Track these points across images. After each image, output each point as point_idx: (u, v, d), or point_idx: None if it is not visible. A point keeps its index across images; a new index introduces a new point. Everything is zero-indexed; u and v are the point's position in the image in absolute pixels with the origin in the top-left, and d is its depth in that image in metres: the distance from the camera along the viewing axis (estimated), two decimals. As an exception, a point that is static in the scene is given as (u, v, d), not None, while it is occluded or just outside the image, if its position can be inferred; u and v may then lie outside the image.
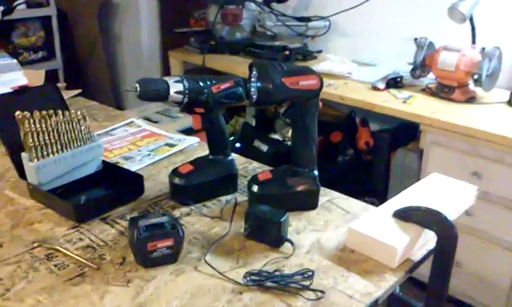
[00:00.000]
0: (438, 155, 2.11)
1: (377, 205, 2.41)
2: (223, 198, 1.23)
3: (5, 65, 1.52)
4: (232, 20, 2.84)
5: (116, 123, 1.65)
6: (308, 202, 1.19)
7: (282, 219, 1.03)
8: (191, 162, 1.23)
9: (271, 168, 1.28)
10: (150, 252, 0.96)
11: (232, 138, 2.86)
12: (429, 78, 2.38)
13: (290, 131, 1.04)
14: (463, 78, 2.20)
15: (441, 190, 1.18)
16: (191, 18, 3.22)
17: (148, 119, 2.70)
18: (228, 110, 3.15)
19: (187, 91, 1.11)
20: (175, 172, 1.20)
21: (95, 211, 1.15)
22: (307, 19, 2.86)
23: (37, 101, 1.28)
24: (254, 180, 1.17)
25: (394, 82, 2.39)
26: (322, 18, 2.85)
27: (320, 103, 1.15)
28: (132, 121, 1.63)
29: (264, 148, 2.63)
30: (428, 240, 1.06)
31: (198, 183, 1.19)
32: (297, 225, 1.13)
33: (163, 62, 3.34)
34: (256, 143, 2.66)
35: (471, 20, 2.28)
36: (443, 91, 2.26)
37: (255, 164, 1.43)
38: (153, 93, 1.08)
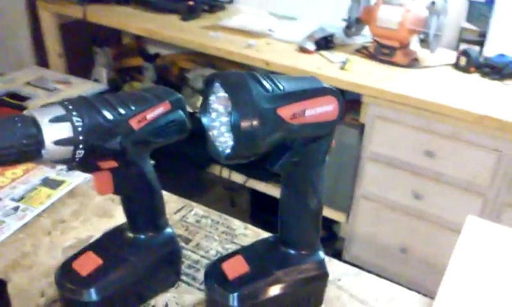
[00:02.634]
0: (383, 131, 1.68)
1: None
2: (157, 301, 0.65)
3: None
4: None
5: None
6: (311, 300, 0.65)
7: None
8: (94, 248, 0.61)
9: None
10: None
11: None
12: (363, 36, 1.90)
13: (200, 99, 0.51)
14: (406, 37, 1.74)
15: (498, 255, 0.70)
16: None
17: (14, 94, 1.95)
18: (118, 73, 2.44)
19: (81, 137, 0.49)
20: (67, 270, 0.59)
21: None
22: (212, -39, 2.20)
23: None
24: (219, 278, 0.59)
25: (325, 42, 1.86)
26: (230, -41, 2.21)
27: (333, 142, 0.59)
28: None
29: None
30: None
31: (113, 294, 0.59)
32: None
33: (32, 17, 2.43)
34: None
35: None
36: (382, 53, 1.79)
37: (198, 209, 0.84)
38: (4, 151, 0.46)
